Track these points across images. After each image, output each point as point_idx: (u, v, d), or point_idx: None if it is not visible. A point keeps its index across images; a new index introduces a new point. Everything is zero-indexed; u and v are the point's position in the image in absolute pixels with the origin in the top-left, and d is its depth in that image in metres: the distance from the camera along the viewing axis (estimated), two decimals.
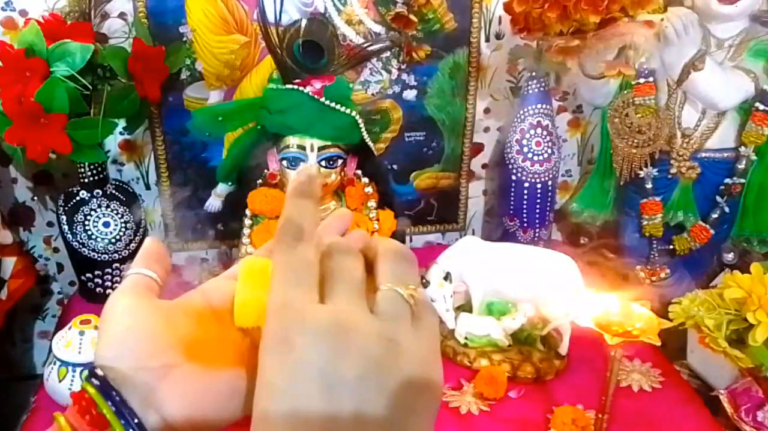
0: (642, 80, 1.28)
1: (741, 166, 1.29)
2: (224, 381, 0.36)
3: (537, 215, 1.42)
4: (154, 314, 0.36)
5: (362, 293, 0.33)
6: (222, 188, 1.32)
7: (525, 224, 1.42)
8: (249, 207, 1.11)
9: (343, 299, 0.32)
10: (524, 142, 1.37)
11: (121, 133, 1.35)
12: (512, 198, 1.42)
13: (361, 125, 1.08)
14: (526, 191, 1.40)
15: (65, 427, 0.34)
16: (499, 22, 1.41)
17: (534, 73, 1.35)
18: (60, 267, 1.47)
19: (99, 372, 0.35)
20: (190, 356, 0.36)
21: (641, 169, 1.32)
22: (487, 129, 1.53)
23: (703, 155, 1.31)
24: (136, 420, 0.34)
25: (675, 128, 1.31)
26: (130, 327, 0.36)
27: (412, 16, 1.31)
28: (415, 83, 1.41)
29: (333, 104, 1.04)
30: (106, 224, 1.25)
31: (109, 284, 1.29)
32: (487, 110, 1.51)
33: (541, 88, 1.36)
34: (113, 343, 0.35)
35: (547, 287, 1.11)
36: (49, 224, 1.42)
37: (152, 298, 0.38)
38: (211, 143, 1.37)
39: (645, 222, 1.36)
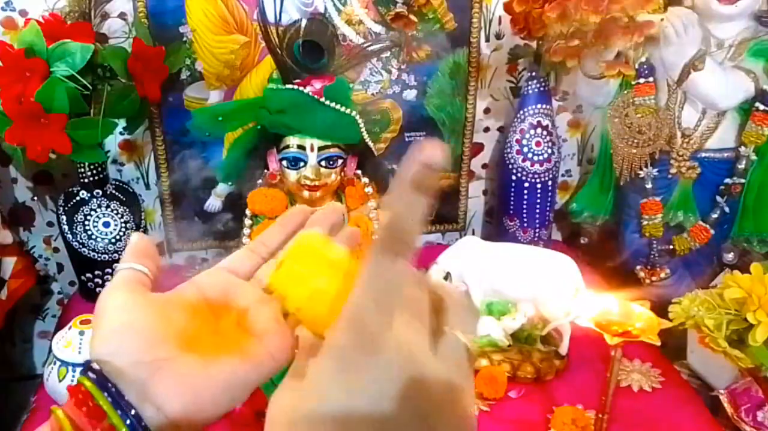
0: (642, 80, 1.28)
1: (741, 166, 1.29)
2: (221, 372, 0.36)
3: (537, 215, 1.42)
4: (148, 309, 0.37)
5: (426, 331, 0.33)
6: (222, 188, 1.32)
7: (525, 224, 1.42)
8: (249, 207, 1.11)
9: (416, 334, 0.32)
10: (524, 142, 1.37)
11: (121, 133, 1.35)
12: (512, 198, 1.42)
13: (361, 125, 1.08)
14: (526, 191, 1.40)
15: (63, 419, 0.34)
16: (499, 22, 1.41)
17: (534, 73, 1.35)
18: (60, 267, 1.47)
19: (95, 365, 0.35)
20: (185, 349, 0.36)
21: (641, 169, 1.32)
22: (487, 129, 1.53)
23: (703, 155, 1.31)
24: (133, 412, 0.34)
25: (675, 128, 1.30)
26: (124, 323, 0.36)
27: (412, 16, 1.31)
28: (415, 83, 1.41)
29: (333, 104, 1.04)
30: (106, 224, 1.25)
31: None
32: (487, 110, 1.51)
33: (541, 88, 1.36)
34: (108, 339, 0.36)
35: (547, 287, 1.11)
36: (49, 224, 1.42)
37: (145, 292, 0.38)
38: (211, 143, 1.37)
39: (645, 222, 1.35)
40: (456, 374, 0.32)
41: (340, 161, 1.08)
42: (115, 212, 1.26)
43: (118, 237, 1.26)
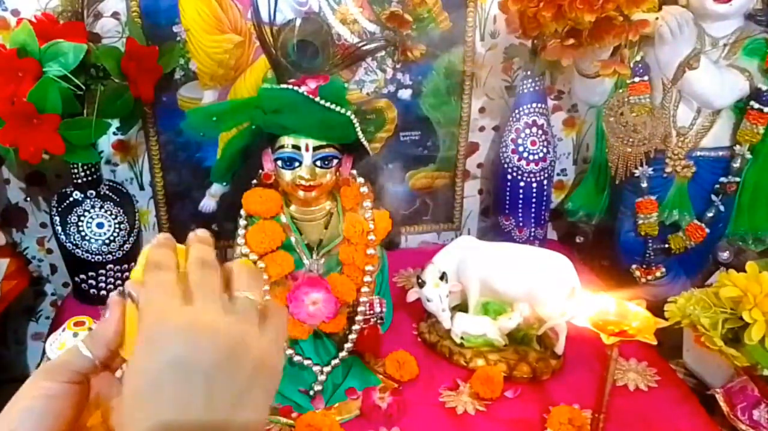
0: (637, 79, 1.28)
1: (736, 164, 1.30)
2: None
3: (532, 215, 1.42)
4: None
5: (218, 298, 0.40)
6: (216, 189, 1.32)
7: (520, 224, 1.42)
8: (244, 207, 1.10)
9: (201, 302, 0.39)
10: (519, 141, 1.37)
11: (114, 133, 1.34)
12: (507, 197, 1.42)
13: (356, 125, 1.08)
14: (521, 191, 1.40)
15: None
16: (494, 21, 1.41)
17: (529, 72, 1.35)
18: (53, 268, 1.47)
19: None
20: None
21: (636, 168, 1.32)
22: (482, 128, 1.53)
23: (699, 153, 1.32)
24: None
25: (670, 126, 1.31)
26: None
27: (406, 15, 1.31)
28: (410, 82, 1.41)
29: (328, 104, 1.04)
30: (100, 225, 1.25)
31: (102, 285, 1.28)
32: (482, 109, 1.51)
33: (536, 88, 1.36)
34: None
35: (543, 286, 1.11)
36: (43, 225, 1.41)
37: None
38: (205, 143, 1.37)
39: (640, 221, 1.36)
40: (243, 327, 0.39)
41: (335, 161, 1.07)
42: (108, 212, 1.26)
43: (111, 238, 1.25)
